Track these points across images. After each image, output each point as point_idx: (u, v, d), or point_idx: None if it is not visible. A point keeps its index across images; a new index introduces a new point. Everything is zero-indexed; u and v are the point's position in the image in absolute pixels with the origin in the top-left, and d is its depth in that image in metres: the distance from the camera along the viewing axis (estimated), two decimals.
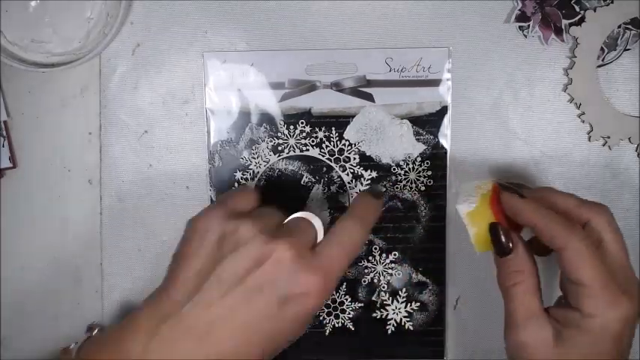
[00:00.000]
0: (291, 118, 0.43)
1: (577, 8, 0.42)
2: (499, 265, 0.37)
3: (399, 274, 0.44)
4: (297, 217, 0.36)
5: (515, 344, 0.35)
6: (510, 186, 0.38)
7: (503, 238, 0.36)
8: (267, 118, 0.43)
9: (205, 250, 0.34)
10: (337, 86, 0.43)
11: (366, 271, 0.44)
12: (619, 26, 0.42)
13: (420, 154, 0.43)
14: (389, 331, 0.44)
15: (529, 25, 0.42)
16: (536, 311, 0.35)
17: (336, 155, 0.43)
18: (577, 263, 0.33)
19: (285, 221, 0.36)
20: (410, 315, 0.44)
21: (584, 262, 0.33)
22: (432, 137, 0.43)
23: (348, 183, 0.44)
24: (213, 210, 0.35)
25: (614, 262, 0.34)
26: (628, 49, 0.43)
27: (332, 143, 0.43)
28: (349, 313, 0.44)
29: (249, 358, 0.33)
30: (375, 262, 0.44)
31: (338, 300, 0.44)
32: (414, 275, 0.44)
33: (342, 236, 0.35)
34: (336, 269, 0.34)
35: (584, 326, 0.33)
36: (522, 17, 0.42)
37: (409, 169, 0.43)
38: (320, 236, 0.36)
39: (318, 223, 0.36)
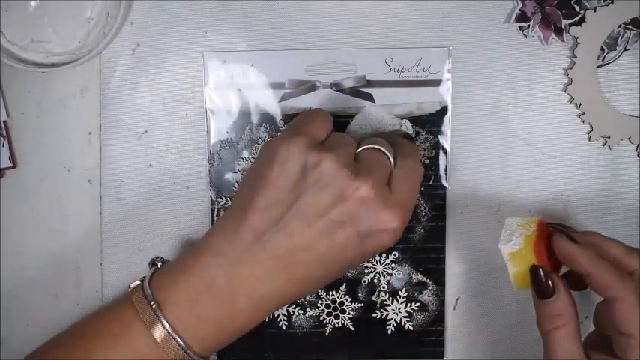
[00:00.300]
0: (291, 118, 0.43)
1: (577, 8, 0.42)
2: (538, 307, 0.36)
3: (399, 274, 0.44)
4: (373, 149, 0.37)
5: None
6: (561, 229, 0.37)
7: (544, 281, 0.36)
8: (267, 118, 0.43)
9: (287, 180, 0.35)
10: (337, 86, 0.43)
11: (366, 271, 0.44)
12: (619, 26, 0.42)
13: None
14: (389, 331, 0.44)
15: (529, 25, 0.42)
16: (578, 357, 0.34)
17: None
18: (629, 315, 0.33)
19: (360, 150, 0.37)
20: (410, 315, 0.44)
21: (636, 315, 0.33)
22: (432, 137, 0.43)
23: None
24: (294, 139, 0.35)
25: None
26: (628, 49, 0.43)
27: None
28: (349, 313, 0.44)
29: (323, 283, 0.37)
30: (375, 262, 0.44)
31: (338, 300, 0.44)
32: (414, 275, 0.44)
33: (407, 171, 0.37)
34: (409, 205, 0.36)
35: None
36: (522, 17, 0.42)
37: None
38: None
39: (391, 154, 0.37)
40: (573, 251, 0.35)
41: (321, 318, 0.44)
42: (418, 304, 0.44)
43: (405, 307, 0.44)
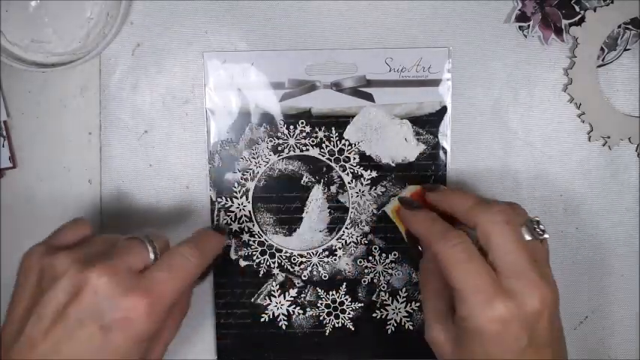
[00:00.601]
0: (291, 118, 0.43)
1: (577, 8, 0.42)
2: (420, 266, 0.39)
3: (399, 274, 0.44)
4: (128, 238, 0.35)
5: (429, 341, 0.37)
6: (408, 200, 0.40)
7: (413, 242, 0.38)
8: (267, 118, 0.43)
9: (27, 289, 0.34)
10: (337, 86, 0.43)
11: (366, 271, 0.44)
12: (619, 26, 0.42)
13: (420, 154, 0.43)
14: (389, 331, 0.44)
15: (529, 25, 0.42)
16: (443, 312, 0.36)
17: (336, 155, 0.44)
18: (448, 269, 0.34)
19: (120, 240, 0.35)
20: (410, 315, 0.44)
21: (453, 268, 0.33)
22: (432, 137, 0.43)
23: (348, 183, 0.44)
24: (35, 247, 0.35)
25: (501, 264, 0.33)
26: (628, 49, 0.43)
27: (332, 143, 0.43)
28: (349, 313, 0.44)
29: None
30: (375, 262, 0.44)
31: (338, 300, 0.44)
32: (414, 275, 0.44)
33: (173, 259, 0.35)
34: (165, 292, 0.33)
35: (465, 328, 0.33)
36: (522, 17, 0.42)
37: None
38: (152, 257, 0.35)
39: (158, 243, 0.35)
40: (409, 217, 0.38)
41: (321, 318, 0.44)
42: (418, 304, 0.44)
43: (405, 307, 0.44)
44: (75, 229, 0.37)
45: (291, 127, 0.43)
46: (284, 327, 0.44)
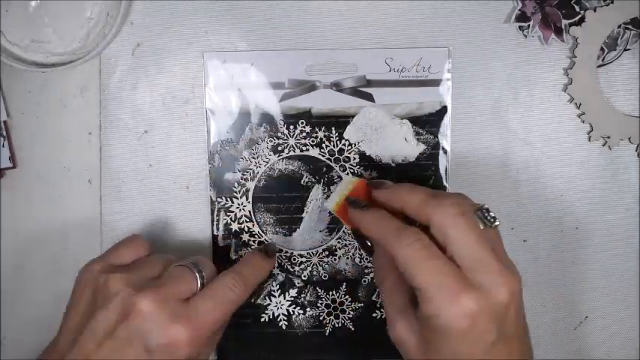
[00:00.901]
0: (291, 118, 0.43)
1: (577, 8, 0.42)
2: (372, 262, 0.37)
3: None
4: (178, 266, 0.37)
5: (393, 338, 0.35)
6: (356, 200, 0.38)
7: (362, 239, 0.37)
8: (267, 118, 0.43)
9: (82, 303, 0.36)
10: (337, 86, 0.43)
11: (366, 271, 0.44)
12: (619, 26, 0.42)
13: (420, 154, 0.43)
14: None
15: (529, 25, 0.42)
16: (404, 307, 0.35)
17: (336, 155, 0.44)
18: (407, 269, 0.32)
19: (171, 267, 0.38)
20: None
21: (413, 267, 0.32)
22: (432, 137, 0.43)
23: None
24: (92, 263, 0.37)
25: (462, 258, 0.32)
26: (628, 49, 0.43)
27: (332, 143, 0.43)
28: (349, 313, 0.44)
29: None
30: None
31: (338, 300, 0.44)
32: None
33: (218, 290, 0.37)
34: (208, 322, 0.36)
35: (432, 327, 0.32)
36: (522, 17, 0.42)
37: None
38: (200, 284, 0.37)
39: (205, 271, 0.37)
40: (359, 218, 0.36)
41: (321, 318, 0.44)
42: None
43: None
44: (132, 248, 0.39)
45: (291, 127, 0.43)
46: (284, 327, 0.44)
